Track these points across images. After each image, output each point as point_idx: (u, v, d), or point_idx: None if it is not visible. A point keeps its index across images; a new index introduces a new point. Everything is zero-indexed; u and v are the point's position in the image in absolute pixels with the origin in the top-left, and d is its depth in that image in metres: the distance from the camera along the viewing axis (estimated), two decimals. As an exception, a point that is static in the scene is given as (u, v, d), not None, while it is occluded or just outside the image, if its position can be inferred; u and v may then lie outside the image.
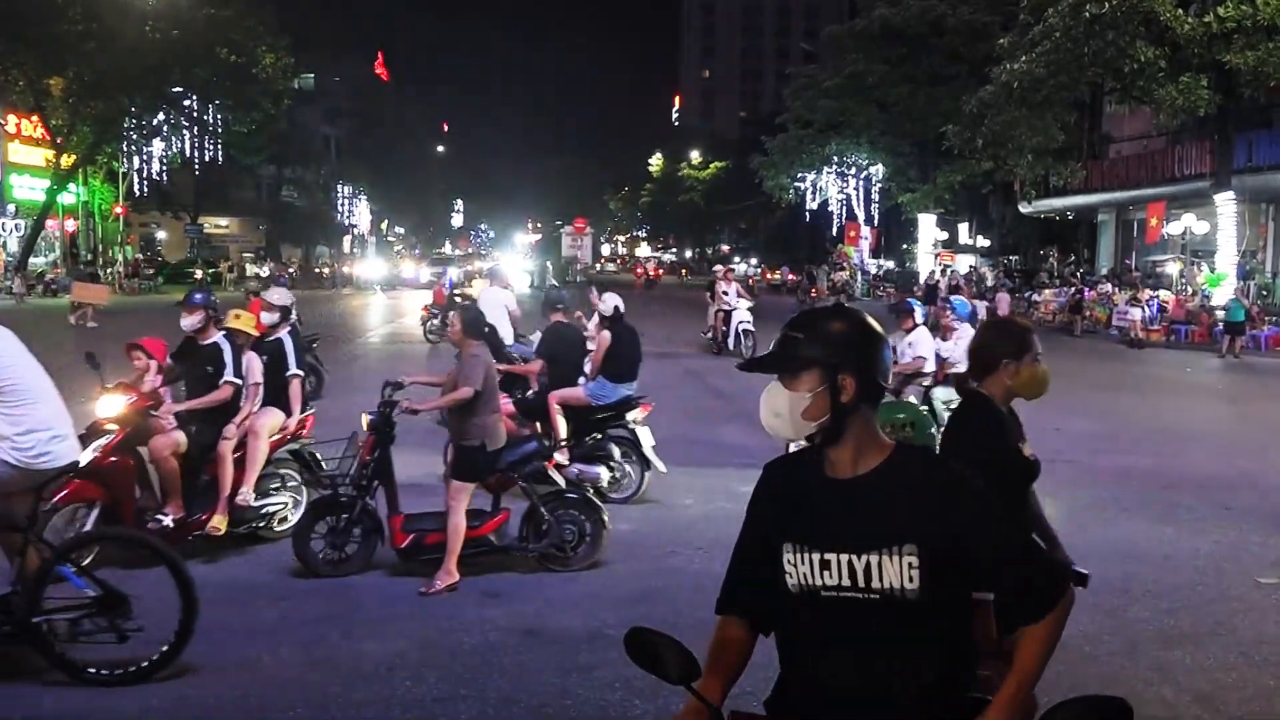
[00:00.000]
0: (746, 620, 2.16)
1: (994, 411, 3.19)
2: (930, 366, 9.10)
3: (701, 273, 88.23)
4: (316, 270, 57.21)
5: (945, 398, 8.93)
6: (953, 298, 10.94)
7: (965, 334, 9.26)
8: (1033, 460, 3.23)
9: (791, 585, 2.04)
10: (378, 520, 6.19)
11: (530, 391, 8.61)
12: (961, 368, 8.46)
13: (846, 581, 1.98)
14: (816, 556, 2.01)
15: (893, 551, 1.95)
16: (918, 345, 8.89)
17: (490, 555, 6.16)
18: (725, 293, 19.33)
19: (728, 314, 18.91)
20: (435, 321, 20.18)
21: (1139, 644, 5.18)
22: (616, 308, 8.69)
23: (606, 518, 6.33)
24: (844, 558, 1.99)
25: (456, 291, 25.11)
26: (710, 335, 19.76)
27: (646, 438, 8.01)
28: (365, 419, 6.26)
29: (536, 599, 5.84)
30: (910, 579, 1.94)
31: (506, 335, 10.84)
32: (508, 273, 12.02)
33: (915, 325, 9.08)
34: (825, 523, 2.03)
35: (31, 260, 40.00)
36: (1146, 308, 25.97)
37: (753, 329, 18.42)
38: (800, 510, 2.07)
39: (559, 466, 6.60)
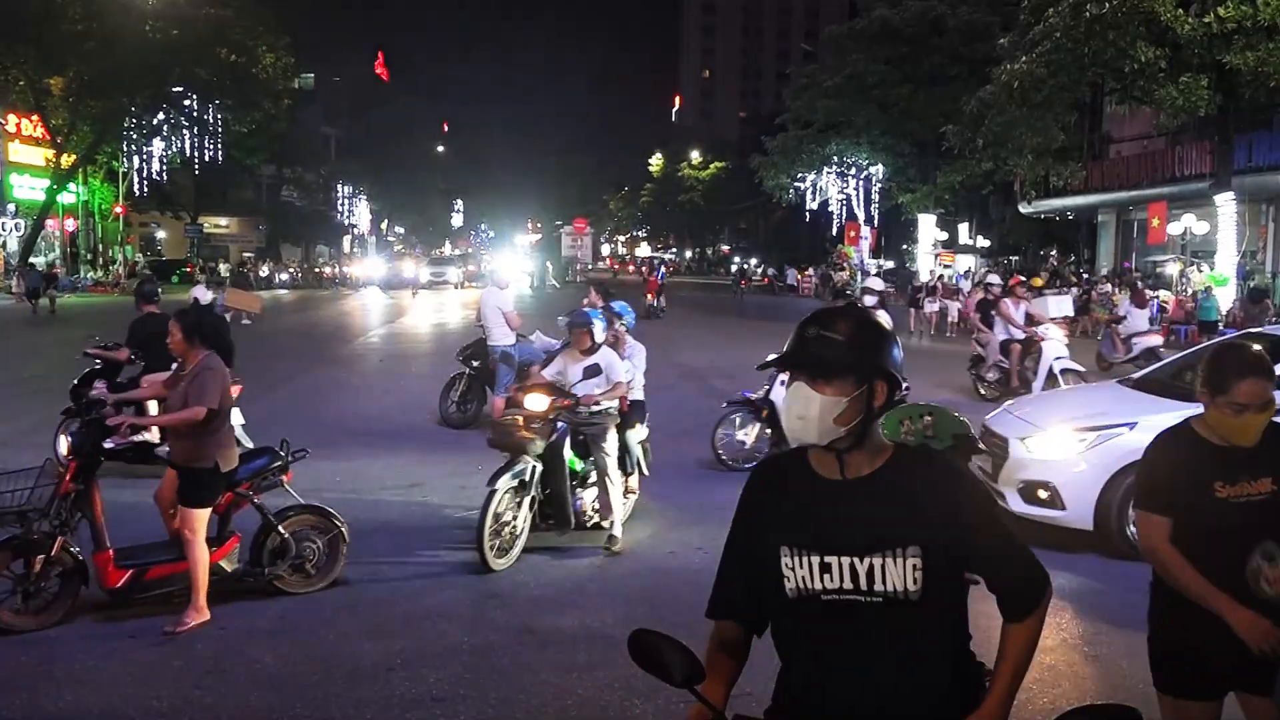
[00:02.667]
0: (740, 623, 2.15)
1: (1175, 442, 2.87)
2: (637, 392, 7.56)
3: (701, 272, 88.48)
4: (317, 270, 57.24)
5: (641, 436, 7.60)
6: (615, 303, 8.31)
7: (637, 351, 7.77)
8: (1234, 502, 2.75)
9: (790, 590, 2.01)
10: (80, 559, 5.32)
11: (128, 378, 9.06)
12: (639, 392, 7.44)
13: (849, 585, 1.97)
14: (816, 559, 1.99)
15: (896, 554, 1.94)
16: (612, 369, 6.87)
17: (223, 584, 5.52)
18: (1032, 313, 13.65)
19: (1025, 345, 13.26)
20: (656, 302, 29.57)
21: (1138, 643, 5.16)
22: (212, 299, 9.11)
23: (345, 530, 5.91)
24: (845, 560, 1.97)
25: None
26: (991, 376, 13.84)
27: (237, 417, 8.23)
28: (64, 441, 5.49)
29: (536, 599, 5.84)
30: (914, 580, 1.94)
31: (502, 336, 10.83)
32: (506, 274, 11.98)
33: (595, 345, 6.93)
34: (825, 526, 2.00)
35: (31, 260, 40.00)
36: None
37: (1077, 368, 12.84)
38: (797, 513, 2.04)
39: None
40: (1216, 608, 2.70)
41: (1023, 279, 16.05)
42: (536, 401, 6.55)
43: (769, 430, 9.32)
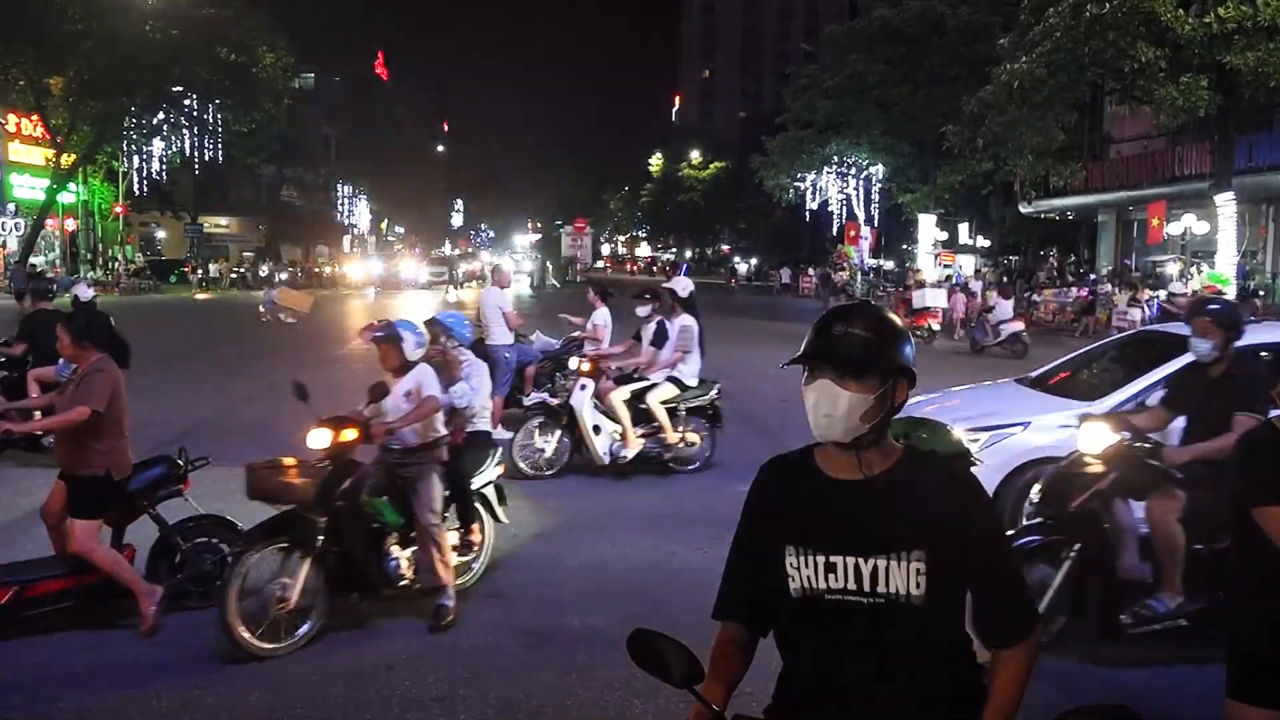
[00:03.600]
0: (746, 625, 2.15)
1: (1271, 438, 2.89)
2: (482, 421, 6.42)
3: (701, 272, 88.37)
4: (316, 270, 57.15)
5: (490, 477, 6.18)
6: (443, 314, 6.60)
7: (475, 371, 6.27)
8: None
9: (794, 590, 2.01)
10: None
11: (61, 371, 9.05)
12: (484, 423, 6.27)
13: (852, 585, 1.97)
14: (821, 560, 1.98)
15: (901, 557, 1.94)
16: (423, 386, 5.52)
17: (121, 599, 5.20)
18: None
19: None
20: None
21: (1139, 643, 5.17)
22: (92, 297, 9.38)
23: None
24: (850, 561, 1.97)
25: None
26: None
27: None
28: None
29: (536, 599, 5.84)
30: (917, 585, 1.93)
31: (501, 336, 10.84)
32: (507, 273, 11.98)
33: (406, 363, 5.55)
34: (832, 526, 2.00)
35: (31, 259, 39.98)
36: (1146, 308, 25.95)
37: None
38: (804, 513, 2.04)
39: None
40: None
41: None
42: (317, 439, 5.21)
43: (569, 437, 8.82)
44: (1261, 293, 27.46)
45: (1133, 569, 4.89)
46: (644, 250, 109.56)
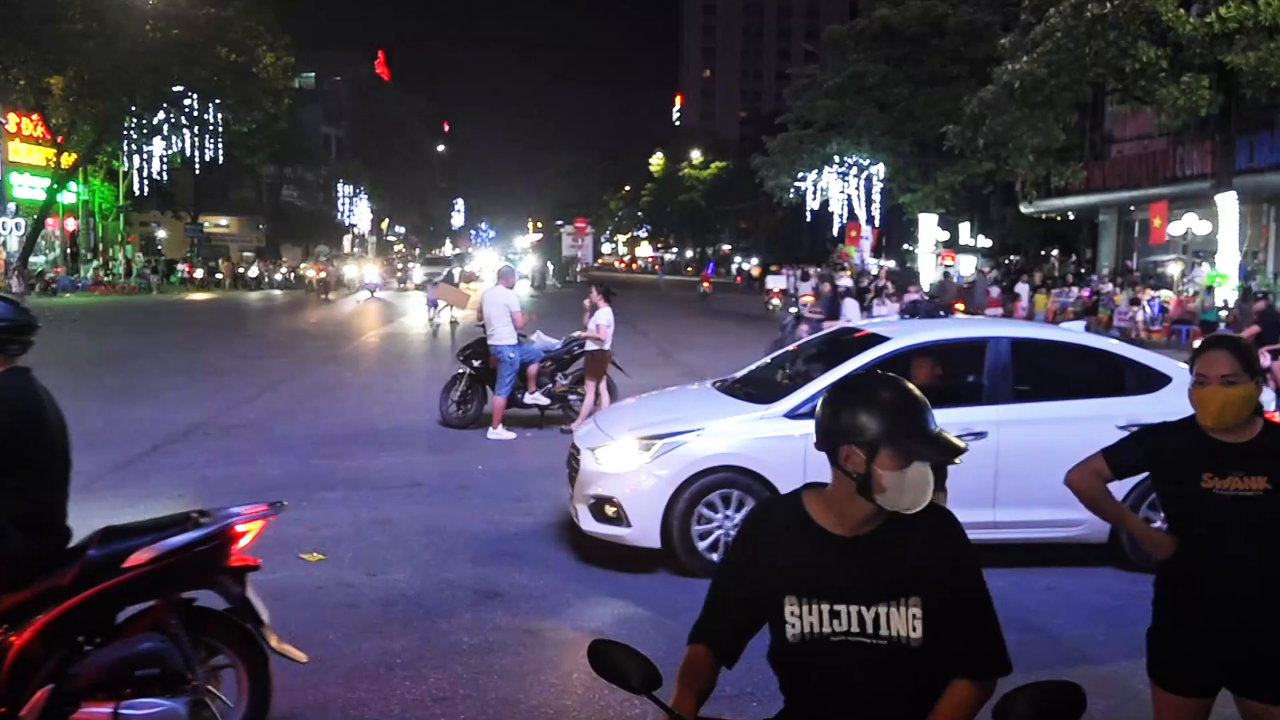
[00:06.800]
0: (714, 652, 2.17)
1: (1159, 434, 2.99)
2: None
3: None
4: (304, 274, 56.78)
5: None
6: None
7: None
8: (1224, 495, 2.77)
9: (791, 635, 2.07)
10: None
11: None
12: None
13: (855, 629, 2.06)
14: (826, 607, 2.07)
15: (899, 603, 2.05)
16: None
17: None
18: None
19: None
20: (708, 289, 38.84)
21: (1139, 645, 5.14)
22: None
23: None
24: (853, 609, 2.06)
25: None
26: None
27: None
28: None
29: (536, 599, 5.83)
30: (914, 628, 2.04)
31: (505, 335, 10.82)
32: (512, 273, 11.91)
33: None
34: (834, 577, 2.07)
35: (31, 259, 40.01)
36: (1148, 307, 25.92)
37: None
38: (804, 565, 2.09)
39: None
40: (1129, 528, 3.24)
41: None
42: None
43: None
44: (1260, 293, 27.45)
45: None
46: (645, 249, 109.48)
